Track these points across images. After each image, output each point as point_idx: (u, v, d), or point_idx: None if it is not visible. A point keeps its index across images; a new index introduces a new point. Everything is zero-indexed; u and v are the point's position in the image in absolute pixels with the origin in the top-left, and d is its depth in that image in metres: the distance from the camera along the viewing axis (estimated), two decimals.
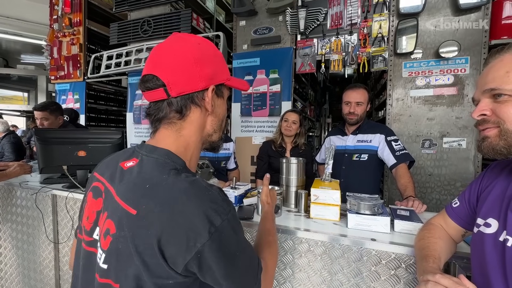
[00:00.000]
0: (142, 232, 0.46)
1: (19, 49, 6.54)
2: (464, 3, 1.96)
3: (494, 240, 0.59)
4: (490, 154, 0.60)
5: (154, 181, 0.49)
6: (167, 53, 0.54)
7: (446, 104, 2.11)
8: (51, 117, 2.25)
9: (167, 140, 0.56)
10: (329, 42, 2.42)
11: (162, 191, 0.48)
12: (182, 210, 0.45)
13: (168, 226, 0.45)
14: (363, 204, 1.03)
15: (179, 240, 0.45)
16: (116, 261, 0.49)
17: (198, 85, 0.55)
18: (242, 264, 0.50)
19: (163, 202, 0.46)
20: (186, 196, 0.47)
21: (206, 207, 0.46)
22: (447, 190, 2.12)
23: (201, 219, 0.45)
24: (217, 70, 0.58)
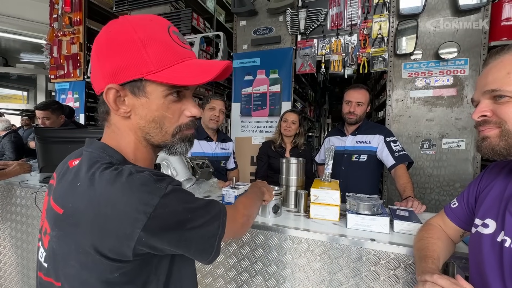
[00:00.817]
0: (71, 231, 0.45)
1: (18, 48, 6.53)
2: (463, 4, 1.97)
3: (491, 240, 0.59)
4: (489, 155, 0.60)
5: (83, 177, 0.46)
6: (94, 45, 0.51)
7: (445, 105, 2.12)
8: (52, 116, 2.25)
9: (113, 139, 0.53)
10: (329, 43, 2.42)
11: (88, 187, 0.45)
12: (109, 201, 0.43)
13: (97, 223, 0.43)
14: (363, 205, 1.04)
15: (115, 233, 0.43)
16: (54, 260, 0.48)
17: (101, 84, 0.49)
18: (194, 225, 0.49)
19: (88, 198, 0.44)
20: (112, 186, 0.44)
21: (137, 192, 0.44)
22: (446, 191, 2.13)
23: (134, 206, 0.43)
24: (125, 63, 0.46)
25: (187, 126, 0.55)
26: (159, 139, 0.53)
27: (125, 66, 0.46)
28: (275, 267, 1.06)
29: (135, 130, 0.52)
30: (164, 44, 0.48)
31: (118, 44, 0.46)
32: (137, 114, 0.50)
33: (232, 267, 1.13)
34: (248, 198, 0.80)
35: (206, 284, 1.19)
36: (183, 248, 0.49)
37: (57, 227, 0.47)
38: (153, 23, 0.49)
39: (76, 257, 0.45)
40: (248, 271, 1.10)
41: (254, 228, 1.09)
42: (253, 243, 1.09)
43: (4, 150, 3.25)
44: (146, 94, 0.49)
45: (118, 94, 0.49)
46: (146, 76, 0.47)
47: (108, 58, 0.47)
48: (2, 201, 1.81)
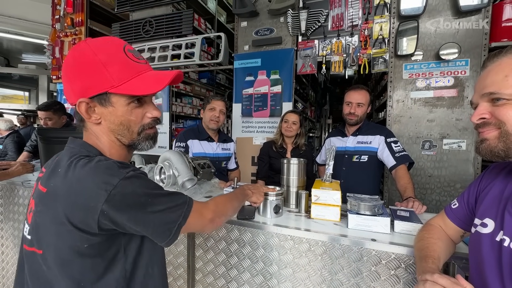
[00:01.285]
0: (51, 205, 0.55)
1: (20, 48, 6.55)
2: (464, 5, 1.97)
3: (491, 240, 0.59)
4: (488, 156, 0.60)
5: (64, 164, 0.57)
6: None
7: (446, 105, 2.12)
8: (54, 117, 2.26)
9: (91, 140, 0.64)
10: (330, 44, 2.43)
11: (67, 171, 0.56)
12: (80, 180, 0.54)
13: (70, 197, 0.53)
14: (363, 205, 1.04)
15: (82, 205, 0.52)
16: (37, 232, 0.58)
17: (73, 98, 0.60)
18: (155, 209, 0.56)
19: (66, 179, 0.55)
20: (83, 170, 0.54)
21: (101, 173, 0.54)
22: (447, 192, 2.13)
23: (98, 183, 0.52)
24: (94, 79, 0.57)
25: (149, 125, 0.66)
26: (128, 138, 0.64)
27: (92, 84, 0.57)
28: (276, 267, 1.07)
29: (107, 133, 0.63)
30: (121, 62, 0.58)
31: (83, 66, 0.57)
32: (106, 120, 0.62)
33: (234, 267, 1.14)
34: (224, 197, 0.84)
35: (207, 283, 1.20)
36: (142, 227, 0.56)
37: (41, 203, 0.58)
38: (110, 45, 0.59)
39: (54, 227, 0.55)
40: (250, 270, 1.11)
41: (255, 228, 1.10)
42: (254, 243, 1.10)
43: (6, 150, 3.26)
44: (112, 104, 0.60)
45: (88, 106, 0.59)
46: (109, 90, 0.58)
47: (76, 78, 0.58)
48: (4, 201, 1.83)
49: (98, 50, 0.57)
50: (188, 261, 1.23)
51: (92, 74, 0.57)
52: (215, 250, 1.18)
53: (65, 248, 0.55)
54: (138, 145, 0.66)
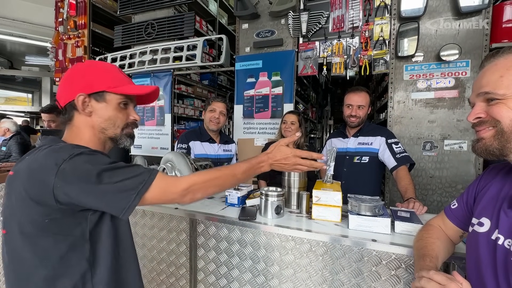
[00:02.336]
0: (15, 185, 0.62)
1: (24, 50, 6.62)
2: (464, 6, 1.98)
3: (487, 238, 0.61)
4: (483, 155, 0.61)
5: (31, 154, 0.65)
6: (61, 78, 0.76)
7: (447, 106, 2.13)
8: (58, 119, 2.29)
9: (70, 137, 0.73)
10: (330, 45, 2.44)
11: (30, 156, 0.64)
12: (37, 160, 0.61)
13: (28, 174, 0.60)
14: (364, 206, 1.05)
15: (38, 180, 0.58)
16: (4, 213, 0.65)
17: (71, 95, 0.71)
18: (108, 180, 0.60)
19: (28, 161, 0.62)
20: (42, 152, 0.62)
21: (55, 153, 0.60)
22: (448, 192, 2.13)
23: (50, 160, 0.59)
24: (94, 81, 0.71)
25: (131, 125, 0.79)
26: (112, 132, 0.75)
27: (93, 83, 0.71)
28: (278, 267, 1.08)
29: (93, 125, 0.73)
30: (115, 73, 0.75)
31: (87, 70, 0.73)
32: (96, 114, 0.72)
33: (235, 267, 1.15)
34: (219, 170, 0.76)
35: (209, 283, 1.21)
36: (93, 199, 0.60)
37: (8, 186, 0.64)
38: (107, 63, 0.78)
39: (17, 204, 0.61)
40: (251, 270, 1.12)
41: (256, 229, 1.11)
42: (255, 243, 1.11)
43: (10, 152, 3.29)
44: (105, 100, 0.73)
45: (85, 100, 0.70)
46: (107, 89, 0.72)
47: (79, 79, 0.71)
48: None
49: (99, 63, 0.75)
50: (190, 261, 1.24)
51: (94, 75, 0.72)
52: (217, 250, 1.19)
53: (27, 223, 0.60)
54: (119, 140, 0.77)
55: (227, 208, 1.32)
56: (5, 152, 3.39)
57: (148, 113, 3.24)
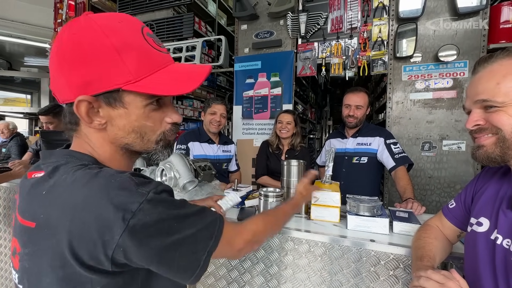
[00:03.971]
0: (47, 244, 0.41)
1: (22, 51, 6.61)
2: (462, 7, 1.99)
3: (485, 238, 0.61)
4: (485, 162, 0.61)
5: (51, 184, 0.43)
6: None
7: (445, 107, 2.13)
8: (55, 120, 2.28)
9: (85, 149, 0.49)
10: (329, 46, 2.45)
11: (61, 192, 0.41)
12: (86, 206, 0.39)
13: (75, 228, 0.39)
14: (363, 206, 1.05)
15: (93, 239, 0.39)
16: (27, 281, 0.45)
17: (68, 94, 0.44)
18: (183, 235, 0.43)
19: (63, 204, 0.40)
20: (89, 189, 0.40)
21: (114, 195, 0.40)
22: (446, 193, 2.13)
23: (111, 210, 0.39)
24: (99, 73, 0.42)
25: (170, 132, 0.52)
26: (141, 147, 0.50)
27: (99, 77, 0.42)
28: (277, 268, 1.08)
29: (112, 141, 0.48)
30: (141, 50, 0.43)
31: (88, 51, 0.41)
32: (114, 125, 0.46)
33: (234, 268, 1.15)
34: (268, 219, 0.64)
35: (208, 284, 1.21)
36: (165, 262, 0.43)
37: (31, 243, 0.43)
38: (125, 25, 0.43)
39: (52, 272, 0.41)
40: (250, 271, 1.12)
41: None
42: None
43: (10, 153, 3.29)
44: (124, 104, 0.45)
45: (91, 106, 0.44)
46: (124, 87, 0.43)
47: (76, 67, 0.42)
48: (7, 203, 1.84)
49: (109, 30, 0.41)
50: None
51: (100, 64, 0.41)
52: None
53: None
54: (153, 155, 0.52)
55: None
56: (5, 154, 3.39)
57: None
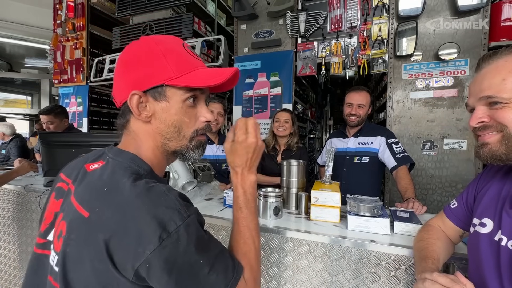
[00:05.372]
0: (92, 235, 0.45)
1: (23, 53, 6.62)
2: (463, 5, 1.98)
3: (489, 239, 0.60)
4: (489, 160, 0.59)
5: (113, 184, 0.48)
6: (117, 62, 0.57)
7: (446, 105, 2.12)
8: (56, 121, 2.29)
9: (131, 146, 0.56)
10: (329, 45, 2.44)
11: (118, 195, 0.46)
12: (133, 215, 0.44)
13: (118, 231, 0.43)
14: (363, 206, 1.04)
15: (128, 246, 0.43)
16: (65, 264, 0.47)
17: (124, 93, 0.53)
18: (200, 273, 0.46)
19: (116, 206, 0.45)
20: (141, 201, 0.45)
21: (159, 213, 0.44)
22: (448, 192, 2.12)
23: (152, 225, 0.43)
24: (151, 70, 0.52)
25: (202, 130, 0.58)
26: (176, 144, 0.56)
27: (149, 74, 0.51)
28: (276, 269, 1.07)
29: (154, 135, 0.55)
30: (180, 55, 0.54)
31: (142, 56, 0.52)
32: (157, 119, 0.54)
33: None
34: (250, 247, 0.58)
35: None
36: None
37: (79, 230, 0.47)
38: (170, 39, 0.56)
39: (89, 262, 0.45)
40: None
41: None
42: None
43: (9, 155, 3.29)
44: (166, 98, 0.53)
45: (140, 100, 0.52)
46: (167, 82, 0.52)
47: (133, 70, 0.52)
48: (6, 205, 1.84)
49: (159, 41, 0.53)
50: None
51: (151, 64, 0.51)
52: None
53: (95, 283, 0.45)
54: (186, 153, 0.57)
55: (225, 209, 1.31)
56: (4, 155, 3.39)
57: None
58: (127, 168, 0.51)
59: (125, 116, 0.57)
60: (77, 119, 3.73)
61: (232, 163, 0.61)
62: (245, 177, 0.60)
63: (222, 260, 0.50)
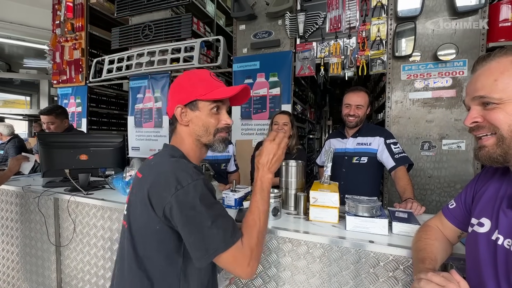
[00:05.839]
0: (141, 188, 0.71)
1: (21, 53, 6.61)
2: (461, 6, 1.98)
3: (487, 239, 0.60)
4: (487, 162, 0.60)
5: (157, 161, 0.76)
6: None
7: (445, 106, 2.12)
8: (56, 121, 2.28)
9: (177, 142, 0.83)
10: (328, 46, 2.44)
11: (157, 164, 0.74)
12: (162, 173, 0.69)
13: (153, 183, 0.69)
14: (361, 206, 1.04)
15: (158, 193, 0.67)
16: (129, 207, 0.76)
17: (172, 109, 0.81)
18: (203, 223, 0.64)
19: (155, 170, 0.72)
20: (168, 165, 0.71)
21: (178, 173, 0.67)
22: (446, 192, 2.12)
23: (173, 179, 0.66)
24: (188, 92, 0.78)
25: (222, 129, 0.83)
26: (206, 139, 0.81)
27: (188, 94, 0.79)
28: (275, 270, 1.07)
29: (191, 134, 0.81)
30: (207, 80, 0.80)
31: (184, 84, 0.80)
32: (193, 123, 0.80)
33: None
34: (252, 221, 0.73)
35: None
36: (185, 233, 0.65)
37: (135, 186, 0.76)
38: (201, 71, 0.83)
39: (140, 205, 0.70)
40: None
41: None
42: None
43: (7, 155, 3.28)
44: (198, 108, 0.79)
45: (182, 111, 0.79)
46: (198, 97, 0.78)
47: (178, 93, 0.80)
48: (4, 205, 1.84)
49: (193, 73, 0.82)
50: None
51: (188, 88, 0.79)
52: None
53: (143, 224, 0.70)
54: (213, 145, 0.82)
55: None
56: (3, 156, 3.38)
57: (146, 115, 3.24)
58: (166, 152, 0.78)
59: (173, 123, 0.83)
60: (76, 119, 3.72)
61: (257, 162, 0.79)
62: (264, 173, 0.78)
63: (225, 221, 0.67)
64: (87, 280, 1.57)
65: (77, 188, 1.59)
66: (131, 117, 3.33)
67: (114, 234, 1.45)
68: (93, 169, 1.73)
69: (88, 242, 1.54)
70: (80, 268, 1.58)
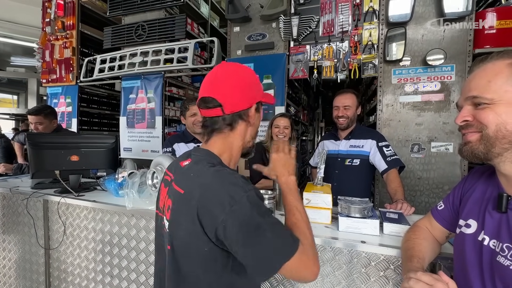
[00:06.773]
0: (186, 205, 0.62)
1: (9, 51, 6.44)
2: (449, 12, 2.05)
3: (473, 239, 0.62)
4: (469, 158, 0.62)
5: (196, 171, 0.66)
6: (223, 80, 0.70)
7: (433, 109, 2.18)
8: (45, 121, 2.23)
9: (215, 145, 0.73)
10: (321, 49, 2.47)
11: (200, 177, 0.64)
12: (211, 189, 0.60)
13: (202, 201, 0.60)
14: (353, 208, 1.06)
15: (210, 212, 0.58)
16: (171, 227, 0.67)
17: (245, 105, 0.72)
18: (265, 236, 0.57)
19: (200, 184, 0.62)
20: (215, 179, 0.62)
21: (228, 187, 0.60)
22: (435, 193, 2.18)
23: (224, 195, 0.58)
24: (257, 90, 0.74)
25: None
26: (251, 143, 0.79)
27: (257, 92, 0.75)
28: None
29: (243, 137, 0.75)
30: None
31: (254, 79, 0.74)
32: (253, 125, 0.76)
33: None
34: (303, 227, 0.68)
35: None
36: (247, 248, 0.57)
37: (177, 202, 0.66)
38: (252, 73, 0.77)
39: (185, 224, 0.62)
40: None
41: None
42: None
43: None
44: (259, 110, 0.76)
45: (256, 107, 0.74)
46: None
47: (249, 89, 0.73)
48: (7, 211, 1.78)
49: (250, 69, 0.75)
50: None
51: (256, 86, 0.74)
52: None
53: (190, 245, 0.63)
54: (250, 152, 0.80)
55: None
56: None
57: (139, 115, 3.20)
58: (204, 160, 0.68)
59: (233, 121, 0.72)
60: (66, 119, 3.65)
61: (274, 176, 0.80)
62: (285, 179, 0.78)
63: (282, 228, 0.61)
64: (77, 283, 1.54)
65: (67, 189, 1.56)
66: (123, 118, 3.28)
67: (106, 236, 1.43)
68: (84, 170, 1.70)
69: (78, 244, 1.51)
70: (70, 271, 1.55)
